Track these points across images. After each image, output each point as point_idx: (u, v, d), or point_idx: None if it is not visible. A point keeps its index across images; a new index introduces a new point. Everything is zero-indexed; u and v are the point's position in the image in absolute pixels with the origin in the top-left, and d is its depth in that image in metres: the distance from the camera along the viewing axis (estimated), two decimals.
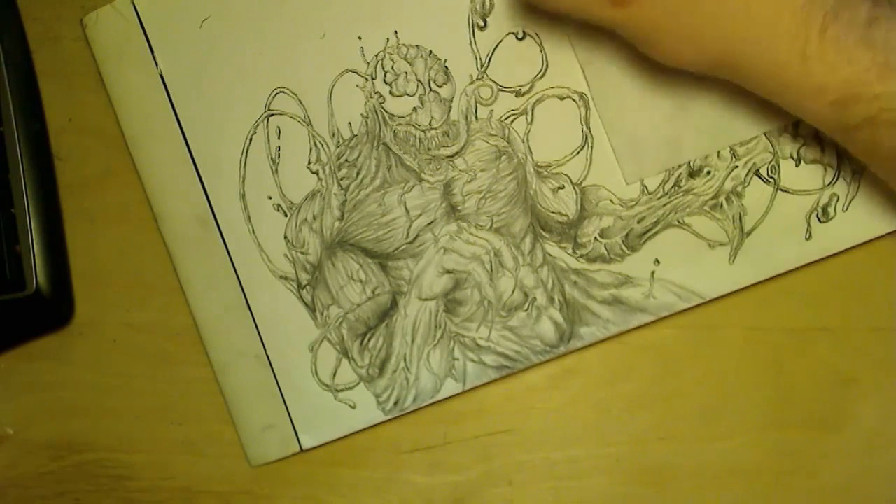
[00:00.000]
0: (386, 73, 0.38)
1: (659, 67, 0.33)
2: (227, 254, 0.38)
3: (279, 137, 0.38)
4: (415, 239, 0.38)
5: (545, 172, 0.38)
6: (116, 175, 0.40)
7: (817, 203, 0.37)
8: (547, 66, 0.38)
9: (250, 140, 0.38)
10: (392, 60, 0.38)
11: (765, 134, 0.37)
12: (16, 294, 0.38)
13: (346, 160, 0.38)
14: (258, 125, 0.38)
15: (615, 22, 0.31)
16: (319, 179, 0.38)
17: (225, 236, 0.38)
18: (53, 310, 0.39)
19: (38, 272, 0.38)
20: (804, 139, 0.37)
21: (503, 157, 0.38)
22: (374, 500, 0.39)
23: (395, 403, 0.38)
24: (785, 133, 0.37)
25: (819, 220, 0.37)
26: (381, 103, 0.38)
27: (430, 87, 0.38)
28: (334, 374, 0.39)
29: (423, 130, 0.38)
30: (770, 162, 0.37)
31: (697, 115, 0.37)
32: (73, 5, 0.40)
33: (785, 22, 0.29)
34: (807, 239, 0.37)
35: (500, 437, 0.39)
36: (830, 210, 0.37)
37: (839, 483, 0.38)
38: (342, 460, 0.39)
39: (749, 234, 0.37)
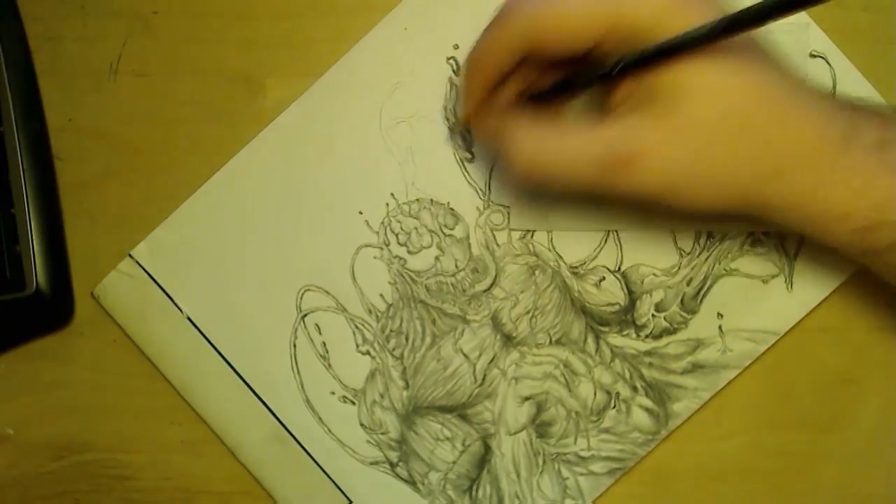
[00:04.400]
0: (397, 235, 0.38)
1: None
2: (312, 460, 0.38)
3: (320, 333, 0.38)
4: (483, 380, 0.38)
5: (581, 271, 0.38)
6: (116, 175, 0.39)
7: None
8: None
9: (294, 346, 0.38)
10: (398, 222, 0.38)
11: None
12: (16, 294, 0.38)
13: (392, 330, 0.38)
14: (296, 329, 0.38)
15: (620, 190, 0.30)
16: (373, 358, 0.38)
17: (305, 445, 0.38)
18: (53, 310, 0.39)
19: (38, 272, 0.38)
20: None
21: (537, 272, 0.38)
22: None
23: None
24: None
25: None
26: (403, 265, 0.38)
27: (443, 232, 0.38)
28: None
29: (452, 275, 0.38)
30: None
31: None
32: (73, 5, 0.40)
33: (804, 150, 0.29)
34: None
35: None
36: None
37: (839, 483, 0.38)
38: None
39: (797, 256, 0.37)
